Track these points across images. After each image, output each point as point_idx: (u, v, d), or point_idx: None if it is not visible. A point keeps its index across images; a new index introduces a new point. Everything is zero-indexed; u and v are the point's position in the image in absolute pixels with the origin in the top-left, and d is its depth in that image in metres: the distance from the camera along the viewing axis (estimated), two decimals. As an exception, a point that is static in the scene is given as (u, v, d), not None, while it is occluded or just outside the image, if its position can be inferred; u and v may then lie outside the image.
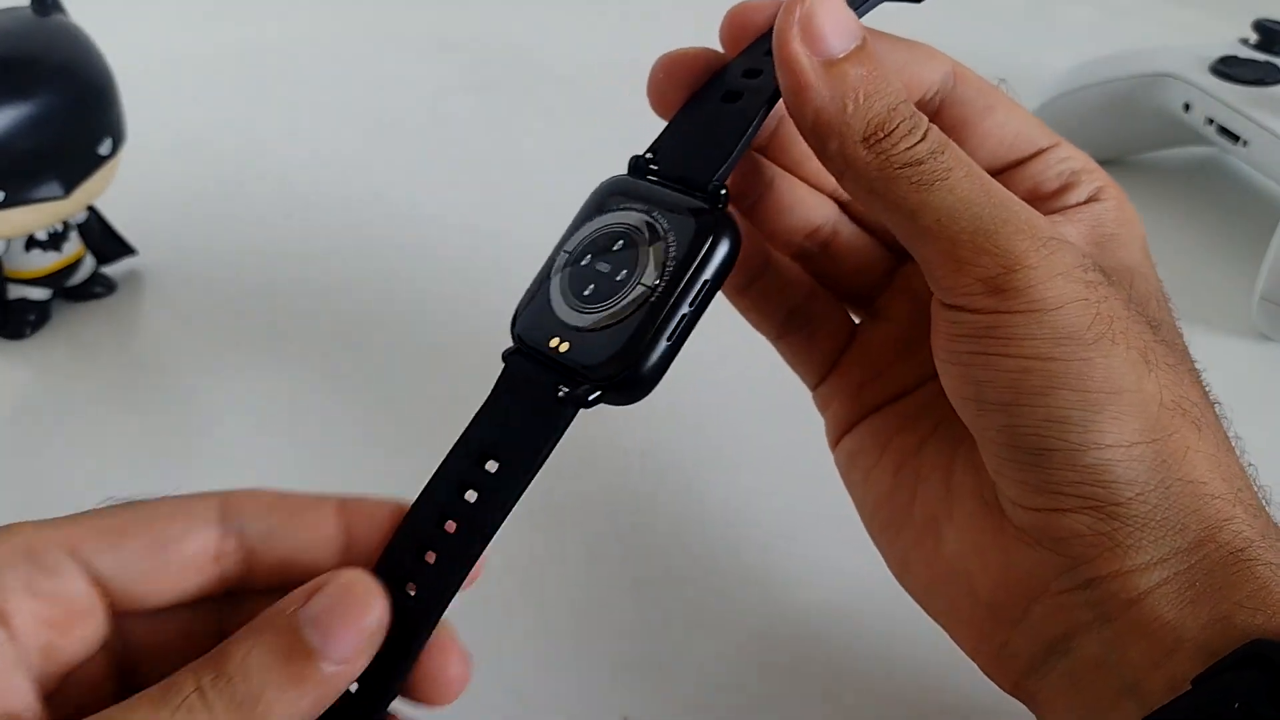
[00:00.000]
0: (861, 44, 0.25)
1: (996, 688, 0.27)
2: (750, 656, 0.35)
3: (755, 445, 0.36)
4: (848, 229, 0.31)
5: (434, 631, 0.24)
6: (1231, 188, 0.61)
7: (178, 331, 0.50)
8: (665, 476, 0.42)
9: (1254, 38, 0.57)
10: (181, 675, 0.21)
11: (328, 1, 0.80)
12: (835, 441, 0.32)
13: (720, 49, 0.29)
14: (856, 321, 0.33)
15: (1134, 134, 0.60)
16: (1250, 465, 0.26)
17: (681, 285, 0.24)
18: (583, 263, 0.26)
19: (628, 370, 0.24)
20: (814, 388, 0.33)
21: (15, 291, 0.48)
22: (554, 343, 0.25)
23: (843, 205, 0.31)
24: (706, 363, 0.33)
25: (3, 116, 0.42)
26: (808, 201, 0.30)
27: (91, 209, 0.49)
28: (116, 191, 0.48)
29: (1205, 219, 0.58)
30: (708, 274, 0.25)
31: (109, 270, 0.51)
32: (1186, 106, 0.55)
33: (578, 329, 0.25)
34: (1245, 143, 0.53)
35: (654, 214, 0.26)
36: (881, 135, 0.24)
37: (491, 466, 0.25)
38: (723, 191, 0.26)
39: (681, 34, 0.30)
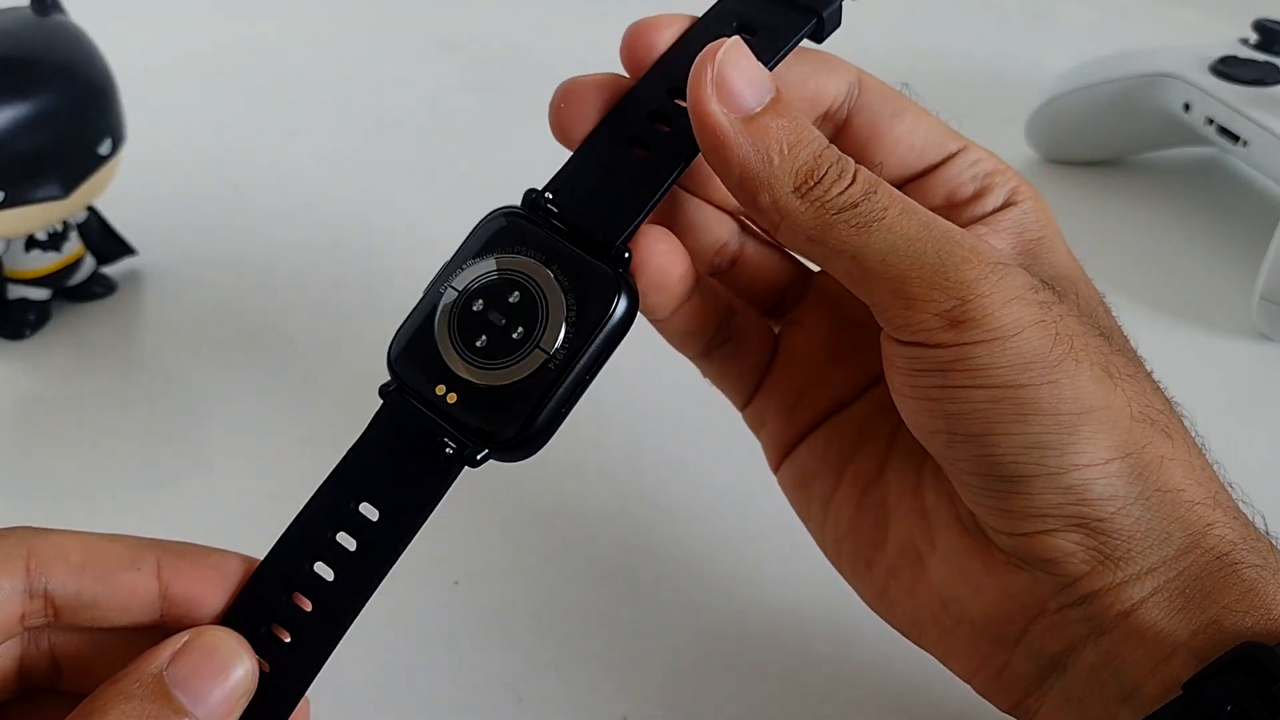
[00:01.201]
0: (776, 95, 0.25)
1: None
2: (750, 657, 0.35)
3: (754, 448, 0.36)
4: (752, 243, 0.31)
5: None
6: (1231, 188, 0.61)
7: (178, 331, 0.50)
8: (666, 480, 0.42)
9: (1254, 38, 0.57)
10: None
11: (328, 1, 0.80)
12: (777, 464, 0.32)
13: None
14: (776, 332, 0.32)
15: (1134, 134, 0.60)
16: (1216, 464, 0.26)
17: (581, 356, 0.24)
18: (474, 308, 0.25)
19: (519, 435, 0.24)
20: (743, 407, 0.32)
21: (15, 291, 0.48)
22: (440, 390, 0.25)
23: (743, 221, 0.31)
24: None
25: (3, 116, 0.42)
26: (712, 220, 0.30)
27: (91, 209, 0.49)
28: (116, 191, 0.48)
29: (1205, 219, 0.58)
30: (605, 342, 0.25)
31: (109, 270, 0.51)
32: (1186, 106, 0.55)
33: (469, 382, 0.25)
34: (1245, 143, 0.53)
35: (555, 269, 0.25)
36: (812, 183, 0.24)
37: (370, 512, 0.24)
38: (626, 255, 0.25)
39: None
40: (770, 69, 0.26)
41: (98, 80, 0.46)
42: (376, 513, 0.24)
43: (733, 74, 0.24)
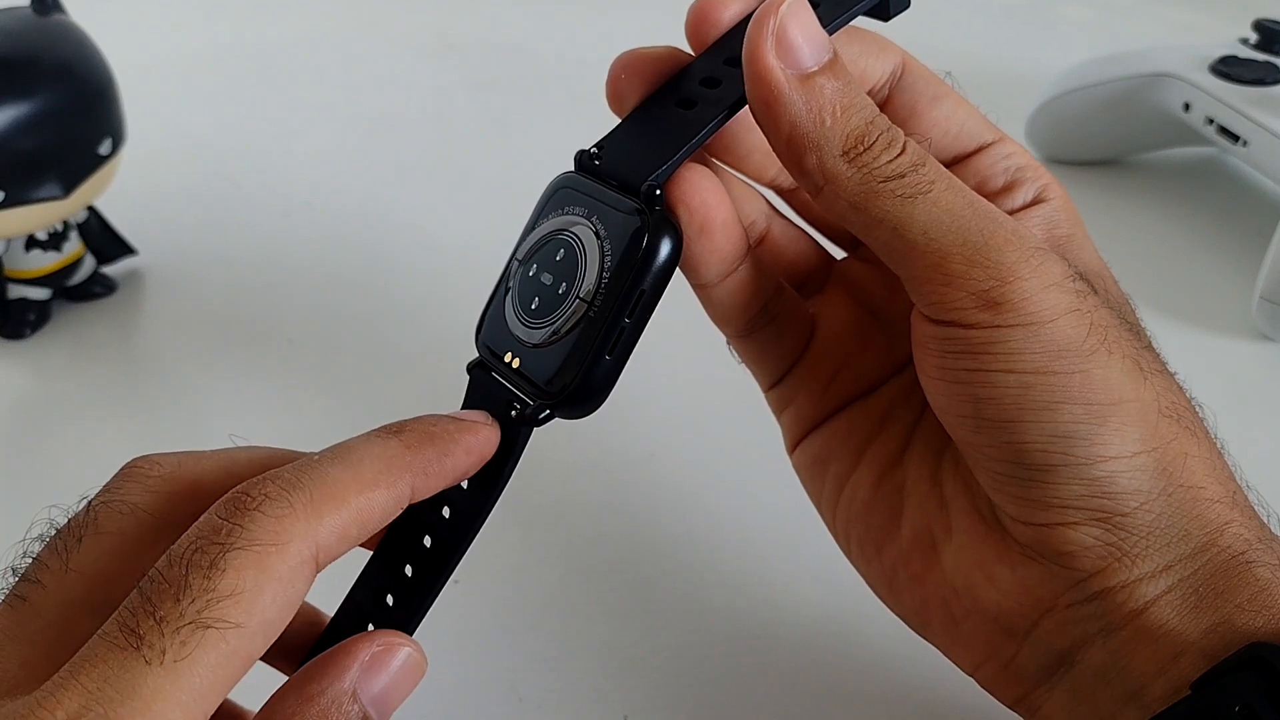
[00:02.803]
0: (834, 57, 0.24)
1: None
2: (750, 657, 0.35)
3: (757, 446, 0.36)
4: (779, 224, 0.31)
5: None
6: (1231, 188, 0.61)
7: (178, 331, 0.50)
8: (667, 478, 0.42)
9: (1254, 38, 0.58)
10: None
11: (328, 1, 0.80)
12: (794, 444, 0.32)
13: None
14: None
15: (1134, 134, 0.60)
16: (1236, 466, 0.26)
17: (618, 298, 0.24)
18: (530, 273, 0.26)
19: (571, 387, 0.24)
20: (770, 388, 0.32)
21: (15, 291, 0.48)
22: (508, 358, 0.25)
23: (770, 201, 0.31)
24: (707, 361, 0.33)
25: (3, 116, 0.42)
26: (744, 199, 0.30)
27: (91, 209, 0.49)
28: (116, 191, 0.48)
29: (1205, 219, 0.58)
30: (645, 283, 0.24)
31: (109, 270, 0.51)
32: (1186, 106, 0.56)
33: (526, 344, 0.25)
34: (1245, 143, 0.53)
35: (593, 219, 0.25)
36: (862, 149, 0.24)
37: (464, 483, 0.25)
38: (657, 192, 0.25)
39: (682, 33, 0.30)
40: (831, 33, 0.25)
41: (98, 80, 0.46)
42: (467, 483, 0.25)
43: (794, 29, 0.24)
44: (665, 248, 0.24)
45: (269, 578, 0.20)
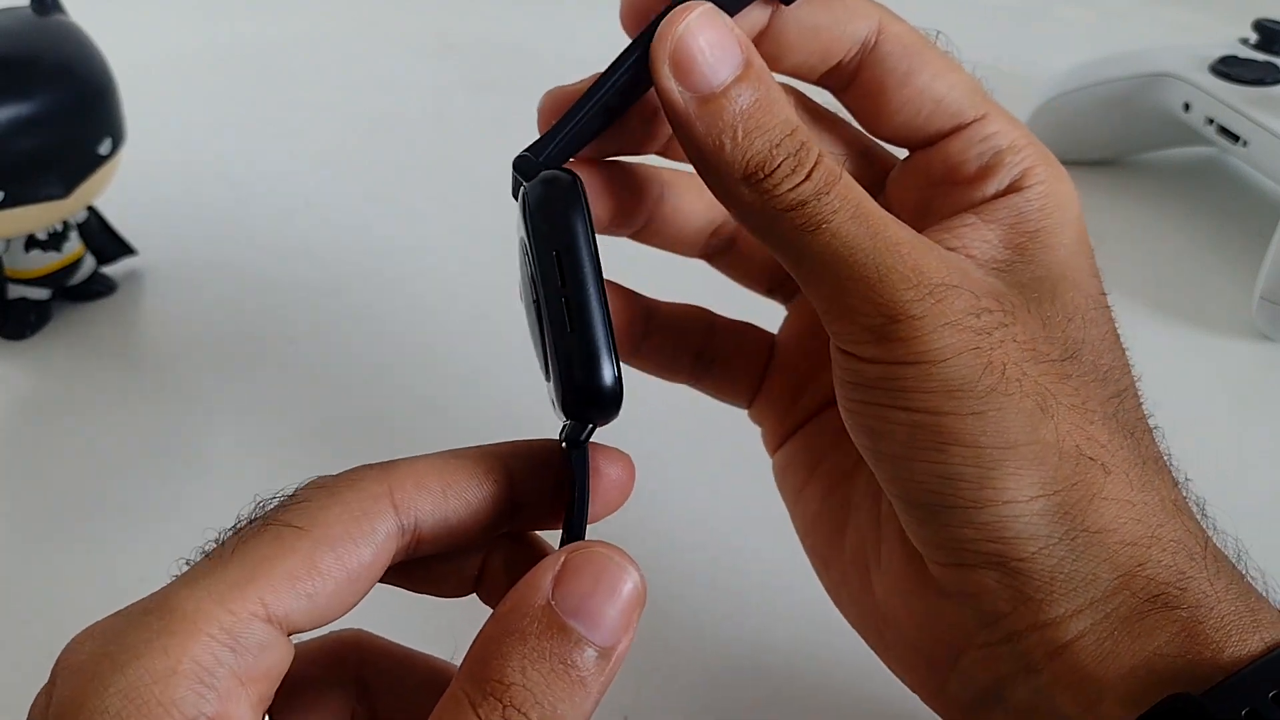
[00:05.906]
0: (744, 71, 0.23)
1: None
2: (749, 657, 0.35)
3: (755, 447, 0.36)
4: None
5: None
6: (1231, 188, 0.61)
7: (178, 331, 0.50)
8: (667, 479, 0.42)
9: (1254, 38, 0.58)
10: (458, 711, 0.19)
11: (328, 1, 0.80)
12: (773, 452, 0.32)
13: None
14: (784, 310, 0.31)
15: (1134, 134, 0.60)
16: (1187, 480, 0.25)
17: (545, 275, 0.22)
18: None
19: (561, 388, 0.22)
20: (747, 408, 0.32)
21: (15, 291, 0.48)
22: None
23: None
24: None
25: (3, 116, 0.42)
26: (707, 201, 0.28)
27: (91, 209, 0.49)
28: (116, 191, 0.48)
29: (1205, 219, 0.58)
30: (555, 243, 0.22)
31: (109, 270, 0.51)
32: (1186, 106, 0.56)
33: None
34: (1245, 143, 0.53)
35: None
36: (761, 176, 0.23)
37: None
38: (526, 154, 0.24)
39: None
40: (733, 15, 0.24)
41: (98, 80, 0.46)
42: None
43: (693, 48, 0.23)
44: (544, 198, 0.23)
45: (335, 499, 0.22)
